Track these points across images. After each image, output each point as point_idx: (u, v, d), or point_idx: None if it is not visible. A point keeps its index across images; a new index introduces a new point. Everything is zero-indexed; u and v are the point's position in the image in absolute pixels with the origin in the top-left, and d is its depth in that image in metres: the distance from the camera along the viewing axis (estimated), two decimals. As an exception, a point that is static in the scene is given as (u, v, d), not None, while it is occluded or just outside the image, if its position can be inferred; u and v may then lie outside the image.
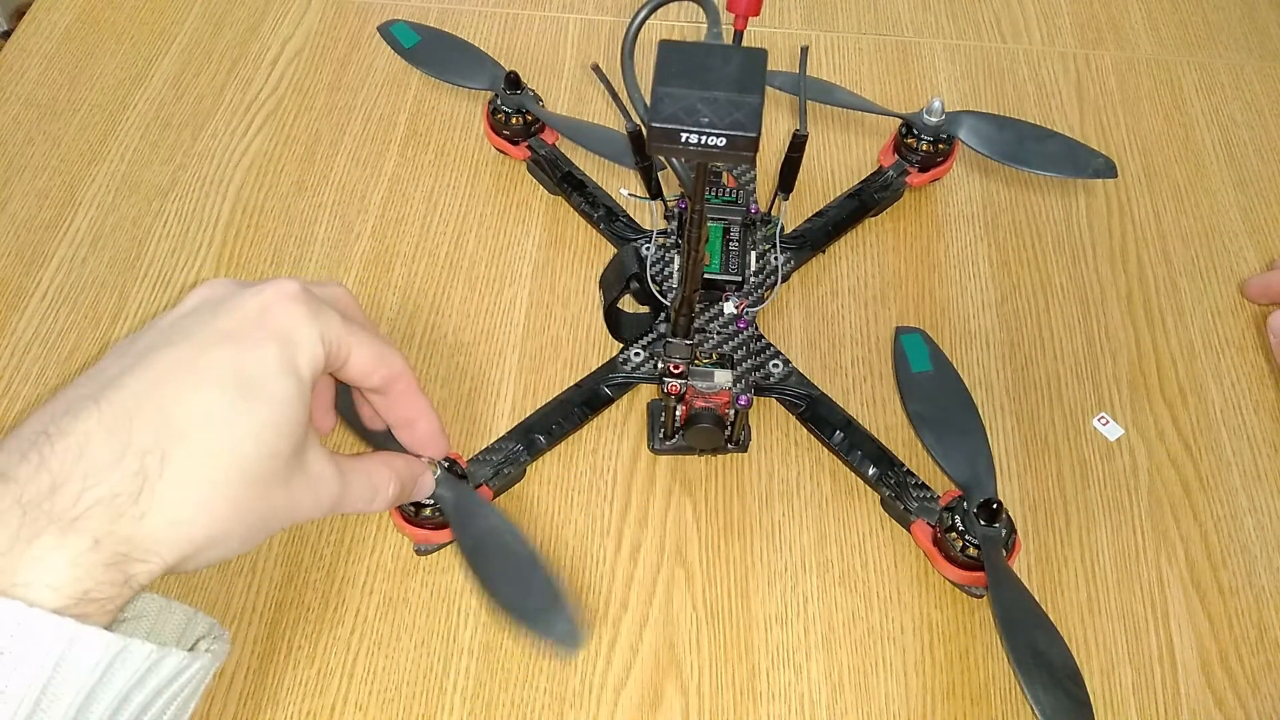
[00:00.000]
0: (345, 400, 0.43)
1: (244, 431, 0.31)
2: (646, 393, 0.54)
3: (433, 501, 0.45)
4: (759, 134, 0.32)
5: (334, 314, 0.34)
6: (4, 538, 0.28)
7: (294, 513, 0.34)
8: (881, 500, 0.51)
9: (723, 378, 0.47)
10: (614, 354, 0.54)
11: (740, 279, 0.53)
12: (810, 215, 0.59)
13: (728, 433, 0.49)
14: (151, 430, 0.30)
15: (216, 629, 0.36)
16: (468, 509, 0.44)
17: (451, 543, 0.49)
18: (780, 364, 0.53)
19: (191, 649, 0.34)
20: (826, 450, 0.52)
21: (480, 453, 0.50)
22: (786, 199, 0.50)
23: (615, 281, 0.53)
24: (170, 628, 0.35)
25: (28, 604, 0.27)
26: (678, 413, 0.49)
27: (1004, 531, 0.46)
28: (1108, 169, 0.57)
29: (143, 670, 0.30)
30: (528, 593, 0.42)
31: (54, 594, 0.28)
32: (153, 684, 0.30)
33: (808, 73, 0.55)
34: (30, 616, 0.27)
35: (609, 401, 0.53)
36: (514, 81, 0.60)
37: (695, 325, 0.50)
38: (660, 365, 0.49)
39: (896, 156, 0.61)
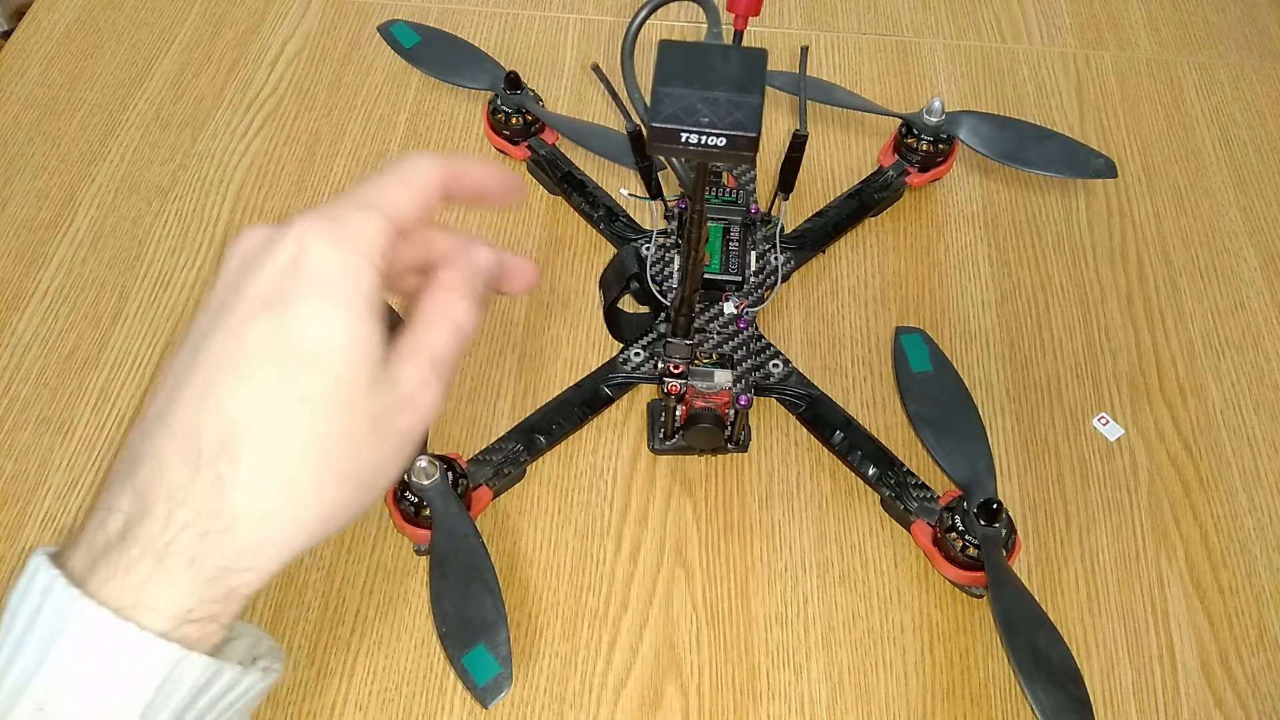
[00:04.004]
0: None
1: (309, 401, 0.29)
2: (646, 393, 0.54)
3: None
4: (759, 134, 0.32)
5: (359, 213, 0.31)
6: (112, 565, 0.28)
7: (405, 434, 0.31)
8: (881, 500, 0.51)
9: (723, 378, 0.47)
10: (614, 354, 0.54)
11: (740, 279, 0.53)
12: (810, 215, 0.59)
13: (728, 433, 0.49)
14: (216, 434, 0.29)
15: (276, 649, 0.36)
16: (450, 523, 0.45)
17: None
18: (780, 364, 0.53)
19: (253, 663, 0.34)
20: (826, 450, 0.52)
21: (480, 453, 0.50)
22: (786, 199, 0.50)
23: (615, 281, 0.53)
24: (260, 648, 0.36)
25: (140, 627, 0.28)
26: (678, 413, 0.49)
27: (1004, 531, 0.46)
28: (1108, 169, 0.57)
29: (225, 689, 0.30)
30: (471, 612, 0.43)
31: (158, 616, 0.28)
32: (227, 700, 0.31)
33: (808, 73, 0.55)
34: (141, 640, 0.28)
35: (609, 401, 0.53)
36: (514, 81, 0.60)
37: (695, 325, 0.50)
38: (660, 365, 0.49)
39: (896, 156, 0.61)
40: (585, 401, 0.52)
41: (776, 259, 0.55)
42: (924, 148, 0.59)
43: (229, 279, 0.32)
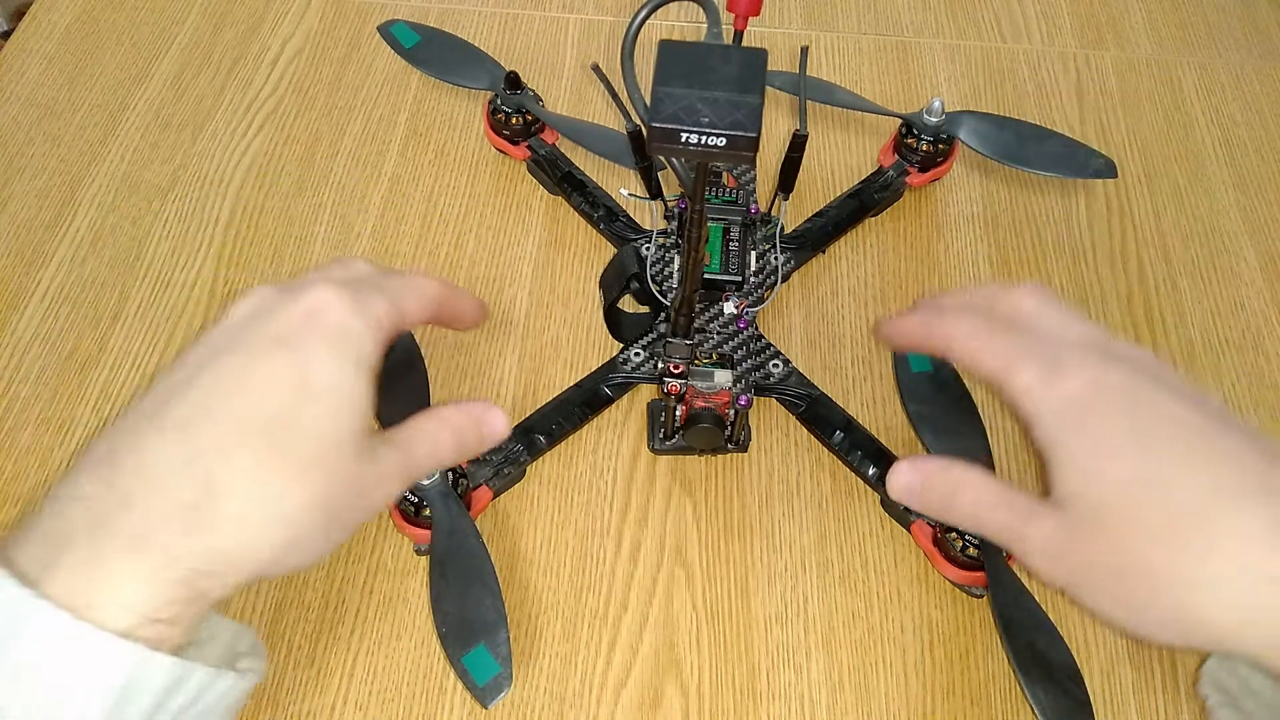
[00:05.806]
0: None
1: (307, 430, 0.31)
2: (646, 393, 0.54)
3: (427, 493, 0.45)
4: (759, 134, 0.32)
5: (374, 294, 0.35)
6: (76, 558, 0.28)
7: (366, 501, 0.34)
8: (881, 500, 0.51)
9: (723, 378, 0.47)
10: (614, 354, 0.54)
11: (740, 279, 0.53)
12: (810, 215, 0.59)
13: (728, 433, 0.49)
14: (213, 439, 0.30)
15: (259, 647, 0.37)
16: (450, 523, 0.45)
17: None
18: (780, 364, 0.53)
19: (234, 665, 0.34)
20: (826, 450, 0.52)
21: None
22: (786, 199, 0.50)
23: (615, 281, 0.53)
24: (240, 648, 0.36)
25: (99, 627, 0.27)
26: (678, 413, 0.49)
27: (1004, 531, 0.45)
28: (1108, 169, 0.57)
29: (196, 692, 0.30)
30: (471, 612, 0.43)
31: (124, 613, 0.28)
32: (202, 704, 0.31)
33: (808, 73, 0.55)
34: (102, 641, 0.27)
35: (609, 401, 0.53)
36: (514, 81, 0.60)
37: (695, 325, 0.50)
38: (660, 365, 0.49)
39: (896, 156, 0.61)
40: (585, 401, 0.52)
41: (776, 259, 0.55)
42: (924, 148, 0.59)
43: (235, 322, 0.34)
